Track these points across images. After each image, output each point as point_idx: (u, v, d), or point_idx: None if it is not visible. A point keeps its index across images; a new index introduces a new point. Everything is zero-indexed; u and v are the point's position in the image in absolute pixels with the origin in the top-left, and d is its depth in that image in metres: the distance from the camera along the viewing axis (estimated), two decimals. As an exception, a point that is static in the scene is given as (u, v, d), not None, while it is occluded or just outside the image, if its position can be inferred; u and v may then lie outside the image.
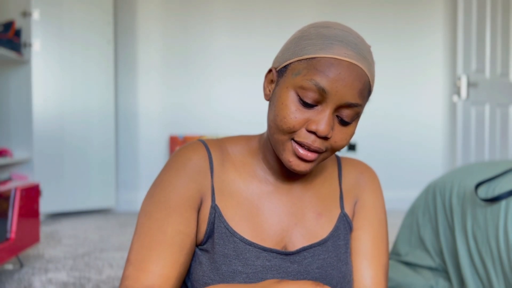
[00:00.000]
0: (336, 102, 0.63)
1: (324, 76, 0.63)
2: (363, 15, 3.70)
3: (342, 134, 0.66)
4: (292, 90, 0.65)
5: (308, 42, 0.66)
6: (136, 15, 3.55)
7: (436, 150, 3.79)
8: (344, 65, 0.63)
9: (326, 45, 0.64)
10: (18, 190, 1.91)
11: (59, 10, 3.09)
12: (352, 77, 0.63)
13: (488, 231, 1.20)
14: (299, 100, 0.64)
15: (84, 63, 3.18)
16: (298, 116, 0.64)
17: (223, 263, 0.69)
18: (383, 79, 3.74)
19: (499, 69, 3.39)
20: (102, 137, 3.27)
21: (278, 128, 0.66)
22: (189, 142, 0.78)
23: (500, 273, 1.16)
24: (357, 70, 0.64)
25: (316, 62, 0.63)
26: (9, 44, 2.81)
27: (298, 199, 0.75)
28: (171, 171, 0.72)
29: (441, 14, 3.75)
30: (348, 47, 0.64)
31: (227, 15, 3.60)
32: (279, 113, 0.65)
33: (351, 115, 0.65)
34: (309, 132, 0.65)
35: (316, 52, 0.64)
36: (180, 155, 0.74)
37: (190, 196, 0.70)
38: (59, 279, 1.90)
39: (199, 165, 0.73)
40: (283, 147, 0.67)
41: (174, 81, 3.59)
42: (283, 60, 0.68)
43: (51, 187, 3.07)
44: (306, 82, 0.63)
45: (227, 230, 0.71)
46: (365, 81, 0.65)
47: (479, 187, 1.29)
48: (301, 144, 0.65)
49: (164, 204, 0.69)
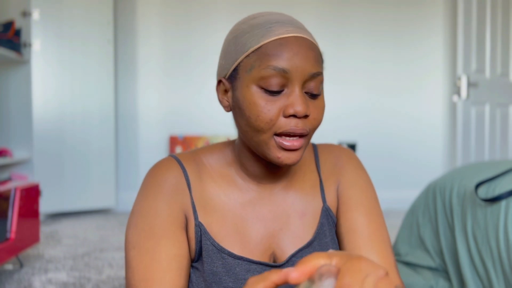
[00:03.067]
0: (300, 78, 0.63)
1: (278, 57, 0.62)
2: (363, 14, 3.70)
3: (317, 109, 0.65)
4: (253, 86, 0.63)
5: (247, 36, 0.65)
6: (136, 15, 3.55)
7: (436, 150, 3.79)
8: (292, 41, 0.63)
9: (266, 30, 0.64)
10: (18, 190, 1.91)
11: (59, 10, 3.09)
12: (304, 49, 0.63)
13: (488, 231, 1.20)
14: (264, 92, 0.63)
15: (84, 62, 3.18)
16: (271, 108, 0.63)
17: (213, 281, 0.67)
18: (384, 78, 3.74)
19: (499, 69, 3.39)
20: (102, 136, 3.27)
21: (256, 129, 0.64)
22: (160, 160, 0.74)
23: (500, 273, 1.16)
24: (305, 41, 0.64)
25: (265, 48, 0.63)
26: (9, 44, 2.81)
27: (281, 201, 0.73)
28: (148, 196, 0.69)
29: (441, 14, 3.75)
30: (286, 24, 0.65)
31: (227, 15, 3.60)
32: (251, 114, 0.63)
33: (317, 86, 0.65)
34: (288, 117, 0.63)
35: (259, 41, 0.64)
36: (153, 176, 0.71)
37: (175, 217, 0.68)
38: (59, 279, 1.90)
39: (175, 184, 0.70)
40: (268, 146, 0.65)
41: (174, 80, 3.59)
42: (230, 65, 0.67)
43: (51, 187, 3.07)
44: (264, 71, 0.62)
45: (214, 247, 0.69)
46: (315, 47, 0.66)
47: (479, 187, 1.29)
48: (285, 134, 0.64)
49: (150, 232, 0.66)
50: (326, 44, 3.58)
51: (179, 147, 3.43)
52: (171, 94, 3.59)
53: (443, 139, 3.79)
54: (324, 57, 3.47)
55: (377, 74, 3.74)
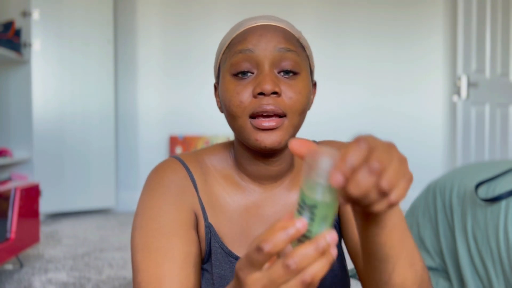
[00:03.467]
0: (268, 57, 0.63)
1: (244, 41, 0.64)
2: (363, 14, 3.70)
3: (293, 88, 0.64)
4: (227, 75, 0.65)
5: (224, 38, 0.70)
6: (136, 14, 3.55)
7: (436, 150, 3.79)
8: (258, 27, 0.65)
9: (237, 26, 0.68)
10: (18, 190, 1.91)
11: (59, 9, 3.09)
12: (271, 31, 0.65)
13: (488, 231, 1.20)
14: (235, 78, 0.64)
15: (84, 62, 3.18)
16: (240, 90, 0.63)
17: (220, 285, 0.66)
18: (384, 78, 3.74)
19: (499, 69, 3.39)
20: (102, 136, 3.27)
21: (232, 115, 0.64)
22: (163, 161, 0.72)
23: (500, 273, 1.16)
24: (273, 27, 0.66)
25: (234, 41, 0.66)
26: (9, 44, 2.81)
27: (284, 202, 0.73)
28: (154, 197, 0.66)
29: (441, 13, 3.75)
30: (257, 18, 0.67)
31: (227, 14, 3.59)
32: (225, 100, 0.65)
33: (290, 63, 0.64)
34: (258, 97, 0.63)
35: (230, 37, 0.67)
36: (158, 177, 0.68)
37: (184, 217, 0.65)
38: (59, 279, 1.90)
39: (182, 185, 0.68)
40: (246, 131, 0.64)
41: (174, 80, 3.59)
42: (215, 67, 0.71)
43: (51, 187, 3.07)
44: (233, 58, 0.64)
45: (223, 250, 0.68)
46: (285, 31, 0.66)
47: (479, 187, 1.28)
48: (259, 115, 0.63)
49: (161, 231, 0.62)
50: (326, 44, 3.58)
51: (179, 147, 3.43)
52: (171, 94, 3.59)
53: (443, 139, 3.79)
54: (323, 56, 3.47)
55: (377, 74, 3.74)
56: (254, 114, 0.63)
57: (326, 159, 0.39)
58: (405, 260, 0.51)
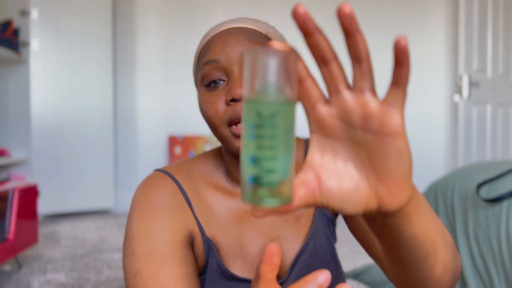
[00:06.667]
0: (235, 62, 0.62)
1: (209, 51, 0.64)
2: (363, 14, 3.69)
3: None
4: (201, 87, 0.65)
5: (196, 49, 0.70)
6: (135, 14, 3.54)
7: (438, 150, 3.78)
8: (221, 34, 0.64)
9: (204, 37, 0.68)
10: (16, 191, 1.90)
11: (58, 9, 3.08)
12: (234, 36, 0.63)
13: (490, 232, 1.19)
14: (207, 87, 0.64)
15: (82, 62, 3.17)
16: (214, 100, 0.63)
17: None
18: (384, 78, 3.72)
19: (501, 69, 3.37)
20: (100, 137, 3.26)
21: (211, 125, 0.64)
22: (148, 176, 0.69)
23: (501, 274, 1.15)
24: (237, 29, 0.64)
25: (202, 52, 0.66)
26: (7, 43, 2.80)
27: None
28: (143, 218, 0.63)
29: (442, 13, 3.74)
30: (222, 25, 0.66)
31: (226, 14, 3.58)
32: (202, 112, 0.65)
33: None
34: (231, 103, 0.62)
35: (199, 48, 0.68)
36: (146, 195, 0.65)
37: (179, 236, 0.63)
38: (58, 280, 1.89)
39: (173, 200, 0.65)
40: (227, 139, 0.63)
41: (173, 80, 3.58)
42: (194, 79, 0.71)
43: (50, 188, 3.06)
44: (202, 69, 0.64)
45: (219, 267, 0.66)
46: (249, 31, 0.64)
47: (480, 187, 1.28)
48: (235, 122, 0.62)
49: (151, 256, 0.60)
50: (326, 44, 3.57)
51: (179, 147, 3.41)
52: (170, 93, 3.58)
53: (444, 139, 3.78)
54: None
55: (377, 74, 3.71)
56: (231, 121, 0.62)
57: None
58: (441, 241, 0.46)
